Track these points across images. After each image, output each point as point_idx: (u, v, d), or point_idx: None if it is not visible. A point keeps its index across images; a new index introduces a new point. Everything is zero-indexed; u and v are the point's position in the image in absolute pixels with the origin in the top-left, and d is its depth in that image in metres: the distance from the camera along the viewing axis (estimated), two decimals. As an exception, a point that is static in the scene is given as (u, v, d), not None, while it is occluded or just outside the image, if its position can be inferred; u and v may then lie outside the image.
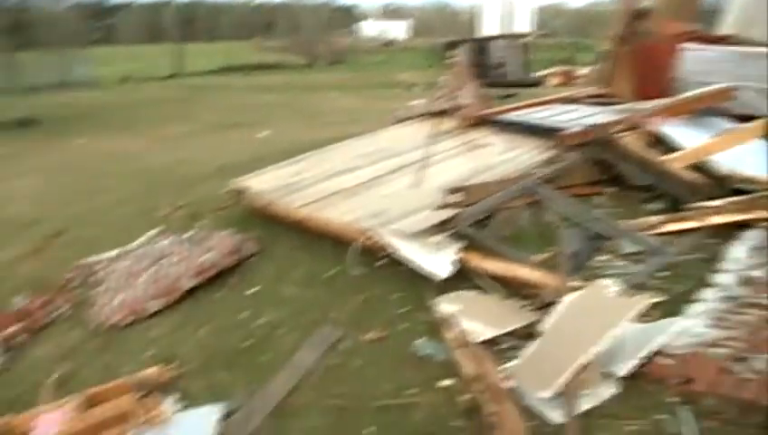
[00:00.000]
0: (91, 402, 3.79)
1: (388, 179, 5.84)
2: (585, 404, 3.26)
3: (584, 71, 15.19)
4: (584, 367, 3.33)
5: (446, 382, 3.65)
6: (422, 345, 3.96)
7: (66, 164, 11.09)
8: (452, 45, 14.12)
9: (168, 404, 3.73)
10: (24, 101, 17.97)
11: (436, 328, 4.09)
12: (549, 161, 5.73)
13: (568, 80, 14.86)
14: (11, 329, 4.81)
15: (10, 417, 3.81)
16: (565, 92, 9.01)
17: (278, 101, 15.99)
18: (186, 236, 5.72)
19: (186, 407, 3.75)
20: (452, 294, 4.32)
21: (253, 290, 4.92)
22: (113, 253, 5.82)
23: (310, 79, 19.97)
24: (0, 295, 5.56)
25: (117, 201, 7.94)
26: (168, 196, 7.49)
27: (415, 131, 7.28)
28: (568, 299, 3.87)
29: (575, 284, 4.03)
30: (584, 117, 6.62)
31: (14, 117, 15.79)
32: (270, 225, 5.75)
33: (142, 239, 5.97)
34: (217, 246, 5.27)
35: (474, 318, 4.05)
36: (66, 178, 9.93)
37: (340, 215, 5.14)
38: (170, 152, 10.70)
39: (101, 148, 12.24)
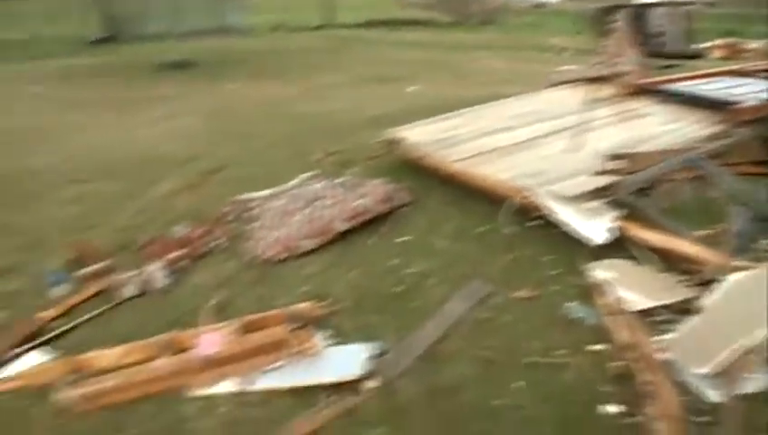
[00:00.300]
0: (248, 328, 3.98)
1: (545, 142, 5.75)
2: (747, 388, 3.13)
3: (755, 44, 14.25)
4: (748, 350, 3.19)
5: (597, 347, 3.60)
6: (573, 308, 3.91)
7: (220, 107, 11.52)
8: (609, 11, 13.56)
9: (320, 339, 3.86)
10: (182, 45, 18.76)
11: (587, 293, 4.04)
12: (715, 136, 5.47)
13: (734, 53, 13.92)
14: (174, 254, 5.08)
15: (174, 333, 4.08)
16: (733, 66, 8.52)
17: (425, 57, 15.92)
18: (339, 180, 5.85)
19: (336, 343, 3.87)
20: (606, 262, 4.24)
21: (403, 239, 4.99)
22: (267, 192, 6.03)
23: (457, 38, 19.73)
24: (161, 224, 5.89)
25: (269, 144, 8.19)
26: (320, 142, 7.66)
27: (570, 96, 7.10)
28: (733, 278, 3.70)
29: (740, 264, 3.84)
30: (757, 91, 6.25)
31: (172, 59, 16.53)
32: (422, 177, 5.80)
33: (296, 181, 6.15)
34: (371, 193, 5.36)
35: (629, 287, 3.95)
36: (220, 121, 10.33)
37: (495, 172, 5.11)
38: (321, 101, 10.91)
39: (253, 93, 12.61)
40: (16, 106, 13.15)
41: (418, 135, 6.17)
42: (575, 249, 4.34)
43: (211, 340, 3.85)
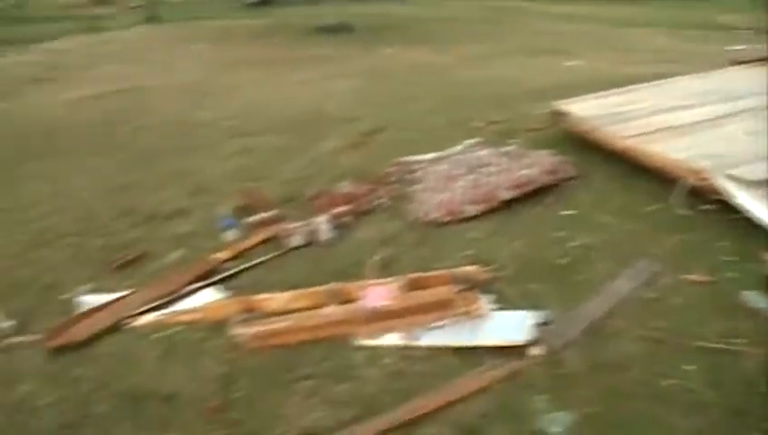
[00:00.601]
0: (413, 286, 4.08)
1: (723, 123, 5.48)
2: None
3: None
4: None
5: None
6: (752, 297, 3.76)
7: (377, 70, 11.68)
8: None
9: (485, 302, 3.89)
10: (340, 9, 19.08)
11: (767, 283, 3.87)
12: None
13: None
14: (339, 209, 5.24)
15: (339, 283, 4.24)
16: None
17: (584, 31, 15.50)
18: (504, 149, 5.83)
19: (500, 309, 3.90)
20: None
21: (568, 212, 4.94)
22: (430, 156, 6.09)
23: (617, 12, 18.98)
24: (326, 179, 6.10)
25: (428, 110, 8.25)
26: (480, 111, 7.65)
27: (750, 76, 6.73)
28: None
29: None
30: None
31: (329, 23, 16.87)
32: (587, 151, 5.71)
33: (459, 147, 6.17)
34: (537, 163, 5.33)
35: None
36: (378, 84, 10.48)
37: (669, 151, 4.94)
38: (478, 70, 10.86)
39: (409, 59, 12.70)
40: (179, 64, 13.86)
41: (586, 109, 6.04)
42: (754, 236, 4.17)
43: (377, 293, 3.98)
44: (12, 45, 17.40)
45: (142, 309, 4.30)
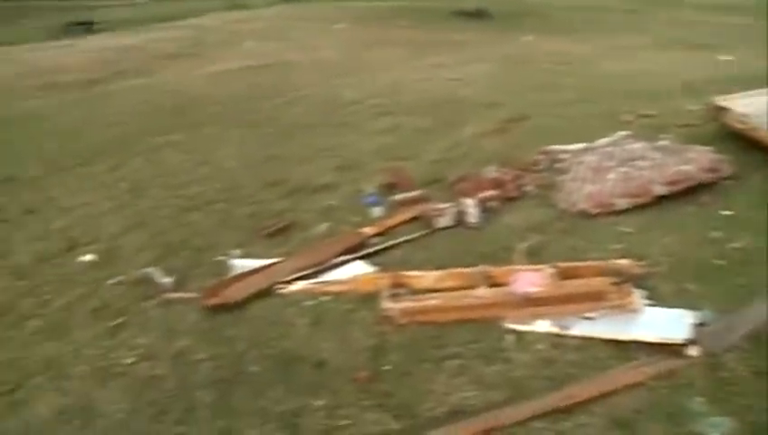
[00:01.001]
0: (564, 275, 4.03)
1: None
2: None
3: None
4: None
5: None
6: None
7: (516, 57, 11.58)
8: None
9: (638, 297, 3.81)
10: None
11: None
12: None
13: None
14: (486, 193, 5.24)
15: (487, 266, 4.24)
16: None
17: (737, 23, 14.75)
18: (658, 144, 5.66)
19: (653, 305, 3.81)
20: None
21: (725, 213, 4.77)
22: (579, 146, 5.99)
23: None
24: (470, 163, 6.13)
25: (572, 100, 8.12)
26: (628, 103, 7.47)
27: None
28: None
29: None
30: None
31: (467, 8, 16.79)
32: (748, 150, 5.47)
33: (608, 139, 6.04)
34: (694, 160, 5.15)
35: None
36: (518, 71, 10.39)
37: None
38: (623, 61, 10.58)
39: (548, 47, 12.52)
40: (321, 42, 14.15)
41: (747, 106, 5.78)
42: None
43: (528, 279, 3.95)
44: (157, 22, 18.24)
45: (293, 277, 4.45)
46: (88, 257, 5.15)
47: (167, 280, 4.60)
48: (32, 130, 8.97)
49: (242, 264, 4.75)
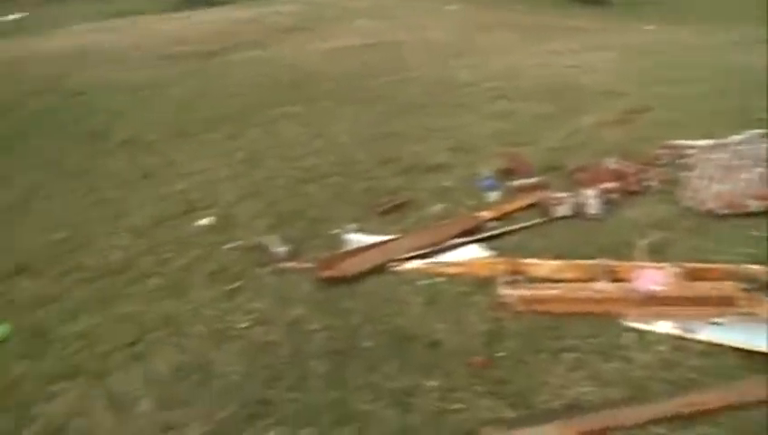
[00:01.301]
0: (690, 275, 3.86)
1: None
2: None
3: None
4: None
5: None
6: None
7: (637, 47, 11.19)
8: None
9: (770, 305, 3.62)
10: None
11: None
12: None
13: None
14: (606, 185, 5.08)
15: (606, 260, 4.10)
16: None
17: None
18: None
19: (786, 316, 3.60)
20: None
21: None
22: (705, 142, 5.72)
23: None
24: (590, 153, 5.96)
25: (698, 93, 7.76)
26: (763, 100, 7.07)
27: None
28: None
29: None
30: None
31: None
32: None
33: (741, 136, 5.74)
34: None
35: None
36: (639, 61, 10.04)
37: None
38: (754, 55, 9.98)
39: (671, 37, 12.07)
40: (431, 22, 14.05)
41: None
42: None
43: (651, 277, 3.81)
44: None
45: (408, 255, 4.44)
46: (205, 221, 5.30)
47: (281, 249, 4.67)
48: (151, 98, 9.30)
49: (356, 238, 4.80)
